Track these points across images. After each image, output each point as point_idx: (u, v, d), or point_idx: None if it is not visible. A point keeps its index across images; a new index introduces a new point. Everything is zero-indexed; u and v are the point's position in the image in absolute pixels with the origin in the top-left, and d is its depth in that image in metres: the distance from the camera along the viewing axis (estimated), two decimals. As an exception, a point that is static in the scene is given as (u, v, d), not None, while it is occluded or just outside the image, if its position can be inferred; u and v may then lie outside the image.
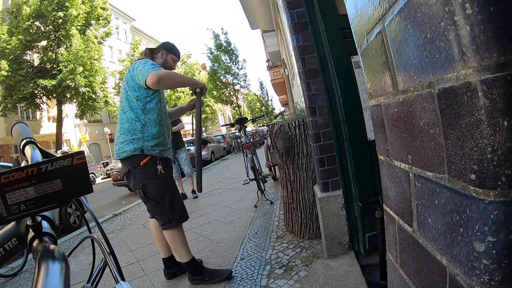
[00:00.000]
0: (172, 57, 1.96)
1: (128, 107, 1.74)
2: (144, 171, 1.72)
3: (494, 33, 0.29)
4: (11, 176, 0.42)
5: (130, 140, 1.71)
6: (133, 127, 1.72)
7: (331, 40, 1.65)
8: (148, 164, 1.71)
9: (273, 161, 4.46)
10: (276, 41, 9.85)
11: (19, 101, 14.31)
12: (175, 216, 1.77)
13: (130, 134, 1.71)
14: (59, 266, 0.43)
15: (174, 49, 1.98)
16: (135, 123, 1.72)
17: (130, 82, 1.75)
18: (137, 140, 1.70)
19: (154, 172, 1.73)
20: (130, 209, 4.83)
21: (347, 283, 1.51)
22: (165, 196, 1.75)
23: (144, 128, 1.72)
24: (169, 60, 1.94)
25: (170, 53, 1.94)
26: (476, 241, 0.35)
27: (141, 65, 1.69)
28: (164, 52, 1.93)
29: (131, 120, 1.72)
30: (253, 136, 13.18)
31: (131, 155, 1.70)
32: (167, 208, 1.76)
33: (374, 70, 0.59)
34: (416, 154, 0.48)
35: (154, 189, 1.74)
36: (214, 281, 1.81)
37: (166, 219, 1.77)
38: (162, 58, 1.91)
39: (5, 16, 14.35)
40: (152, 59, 1.87)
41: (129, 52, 23.57)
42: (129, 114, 1.73)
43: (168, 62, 1.93)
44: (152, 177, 1.73)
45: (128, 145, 1.71)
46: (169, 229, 1.79)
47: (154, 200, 1.75)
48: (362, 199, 1.64)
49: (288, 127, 2.12)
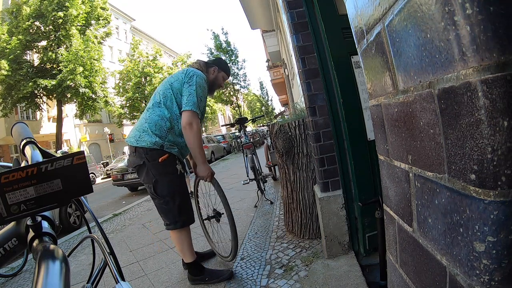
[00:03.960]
0: (223, 75, 2.04)
1: (165, 104, 1.74)
2: (161, 167, 1.69)
3: (494, 33, 0.29)
4: (11, 176, 0.42)
5: (153, 133, 1.70)
6: (162, 123, 1.71)
7: (331, 40, 1.65)
8: (166, 162, 1.69)
9: (273, 161, 4.46)
10: (276, 41, 9.85)
11: (19, 100, 14.30)
12: (182, 218, 1.76)
13: (155, 128, 1.70)
14: (59, 266, 0.43)
15: (226, 68, 2.07)
16: (166, 121, 1.72)
17: (177, 84, 1.75)
18: (160, 137, 1.70)
19: (171, 171, 1.72)
20: (130, 209, 4.83)
21: (347, 283, 1.51)
22: (175, 196, 1.73)
23: (169, 131, 1.73)
24: (220, 77, 2.02)
25: (222, 70, 2.02)
26: (476, 241, 0.35)
27: (195, 89, 1.71)
28: (216, 69, 2.00)
29: (163, 117, 1.72)
30: (253, 136, 13.18)
31: (148, 147, 1.68)
32: (175, 209, 1.74)
33: (374, 70, 0.59)
34: (416, 154, 0.48)
35: (166, 187, 1.71)
36: (214, 281, 1.81)
37: (172, 220, 1.76)
38: (214, 74, 1.98)
39: (5, 16, 14.35)
40: (205, 73, 1.91)
41: (129, 52, 23.57)
42: (164, 111, 1.73)
43: (218, 80, 2.01)
44: (167, 175, 1.71)
45: (150, 136, 1.69)
46: (174, 230, 1.78)
47: (163, 198, 1.73)
48: (362, 199, 1.64)
49: (288, 127, 2.12)
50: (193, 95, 1.69)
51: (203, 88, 1.77)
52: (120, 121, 21.27)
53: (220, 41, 20.30)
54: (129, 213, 4.57)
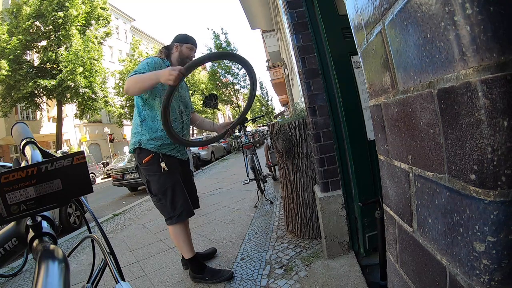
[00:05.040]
0: (187, 46, 1.93)
1: (136, 103, 1.85)
2: (147, 168, 1.79)
3: (494, 33, 0.29)
4: (11, 176, 0.42)
5: (133, 134, 1.84)
6: (135, 121, 1.84)
7: (331, 40, 1.65)
8: (150, 162, 1.77)
9: (273, 161, 4.46)
10: (276, 41, 9.85)
11: (18, 100, 14.30)
12: (176, 212, 1.80)
13: (133, 129, 1.85)
14: (59, 266, 0.43)
15: (187, 38, 1.97)
16: (137, 118, 1.83)
17: None
18: (137, 134, 1.81)
19: (156, 170, 1.78)
20: (130, 209, 4.83)
21: (347, 283, 1.51)
22: (167, 193, 1.79)
23: (143, 123, 1.80)
24: (184, 50, 1.93)
25: (183, 43, 1.94)
26: (476, 241, 0.35)
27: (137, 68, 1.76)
28: (177, 45, 1.94)
29: (135, 115, 1.85)
30: (253, 136, 13.17)
31: (133, 148, 1.82)
32: (169, 205, 1.80)
33: (374, 70, 0.59)
34: (416, 154, 0.48)
35: (156, 186, 1.79)
36: (214, 281, 1.82)
37: (168, 215, 1.82)
38: (177, 51, 1.93)
39: (5, 16, 14.34)
40: (168, 55, 1.93)
41: (129, 52, 23.57)
42: (135, 110, 1.86)
43: (184, 53, 1.93)
44: (154, 174, 1.79)
45: (132, 139, 1.84)
46: (171, 225, 1.83)
47: (156, 196, 1.81)
48: (362, 199, 1.64)
49: (288, 127, 2.12)
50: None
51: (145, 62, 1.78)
52: (120, 121, 21.27)
53: (220, 41, 20.31)
54: (129, 213, 4.57)
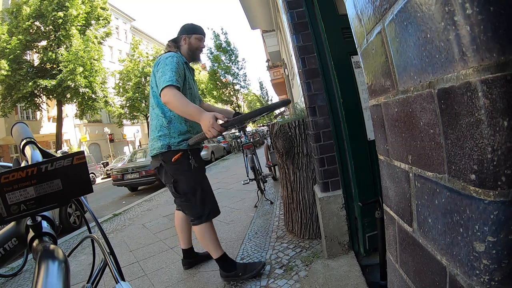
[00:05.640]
0: (195, 37, 1.86)
1: (155, 103, 1.74)
2: (176, 167, 1.70)
3: (494, 33, 0.29)
4: (11, 176, 0.42)
5: (157, 137, 1.71)
6: (160, 123, 1.72)
7: (331, 40, 1.65)
8: (179, 160, 1.68)
9: (273, 161, 4.46)
10: (276, 41, 9.85)
11: (18, 100, 14.31)
12: (206, 211, 1.74)
13: (157, 131, 1.72)
14: (59, 266, 0.43)
15: (195, 28, 1.88)
16: (162, 119, 1.72)
17: (153, 78, 1.72)
18: (163, 136, 1.70)
19: (186, 168, 1.71)
20: (130, 209, 4.83)
21: (347, 283, 1.51)
22: (196, 191, 1.73)
23: (170, 124, 1.71)
24: (193, 41, 1.86)
25: (192, 34, 1.86)
26: (476, 241, 0.35)
27: (161, 69, 1.62)
28: (185, 36, 1.85)
29: (158, 116, 1.73)
30: (253, 136, 13.17)
31: (159, 152, 1.70)
32: (198, 204, 1.73)
33: (374, 70, 0.59)
34: (416, 154, 0.48)
35: (185, 185, 1.72)
36: (248, 275, 1.74)
37: (196, 215, 1.74)
38: (186, 43, 1.86)
39: (5, 16, 14.34)
40: (178, 48, 1.85)
41: (129, 52, 23.58)
42: (156, 110, 1.73)
43: (193, 45, 1.86)
44: (184, 173, 1.71)
45: (156, 142, 1.71)
46: (199, 225, 1.75)
47: (185, 196, 1.73)
48: (362, 199, 1.64)
49: (288, 127, 2.12)
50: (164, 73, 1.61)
51: (170, 62, 1.66)
52: (120, 121, 21.29)
53: (220, 40, 20.32)
54: (129, 213, 4.57)
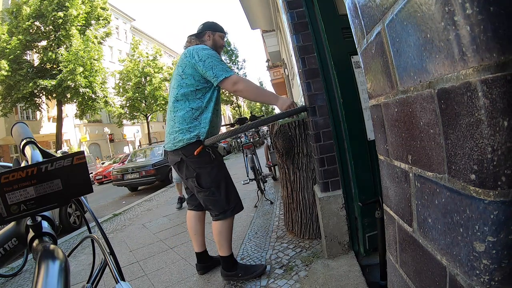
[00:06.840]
0: (219, 35, 1.91)
1: (183, 94, 1.70)
2: (198, 160, 1.68)
3: (494, 33, 0.29)
4: (11, 176, 0.42)
5: (187, 128, 1.68)
6: (189, 115, 1.69)
7: (331, 40, 1.65)
8: (201, 153, 1.67)
9: (273, 161, 4.46)
10: (276, 41, 9.84)
11: (18, 100, 14.30)
12: (231, 205, 1.73)
13: (185, 123, 1.68)
14: (59, 266, 0.43)
15: (218, 26, 1.92)
16: (192, 111, 1.69)
17: (189, 69, 1.70)
18: (193, 127, 1.68)
19: (208, 161, 1.70)
20: (130, 209, 4.83)
21: (347, 283, 1.51)
22: (220, 184, 1.72)
23: (201, 115, 1.70)
24: (217, 38, 1.90)
25: (216, 31, 1.90)
26: (476, 241, 0.35)
27: (209, 60, 1.66)
28: (210, 32, 1.89)
29: (186, 108, 1.70)
30: (253, 136, 13.16)
31: (186, 143, 1.67)
32: (223, 198, 1.71)
33: (374, 70, 0.59)
34: (416, 154, 0.48)
35: (209, 178, 1.70)
36: (247, 277, 1.75)
37: (221, 209, 1.72)
38: (210, 39, 1.89)
39: (5, 16, 14.34)
40: (201, 43, 1.86)
41: (129, 52, 23.58)
42: (184, 103, 1.70)
43: (217, 42, 1.90)
44: (206, 166, 1.70)
45: (184, 133, 1.68)
46: (222, 220, 1.73)
47: (209, 190, 1.71)
48: (362, 199, 1.64)
49: (288, 127, 2.12)
50: (215, 65, 1.65)
51: (213, 54, 1.72)
52: (120, 121, 21.28)
53: (220, 40, 20.32)
54: (129, 213, 4.57)
